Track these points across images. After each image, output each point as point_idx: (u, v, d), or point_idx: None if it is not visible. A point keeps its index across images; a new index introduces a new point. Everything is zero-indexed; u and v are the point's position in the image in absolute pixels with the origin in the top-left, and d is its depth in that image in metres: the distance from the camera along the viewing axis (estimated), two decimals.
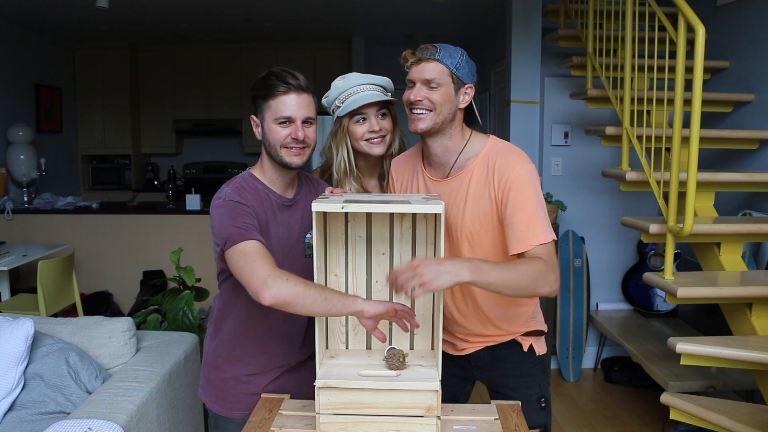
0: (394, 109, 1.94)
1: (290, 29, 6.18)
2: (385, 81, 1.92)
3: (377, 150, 1.88)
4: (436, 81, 1.59)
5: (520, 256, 1.54)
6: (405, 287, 1.32)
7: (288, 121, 1.60)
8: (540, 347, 1.79)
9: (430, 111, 1.60)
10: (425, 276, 1.30)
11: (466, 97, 1.64)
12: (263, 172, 1.69)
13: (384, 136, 1.89)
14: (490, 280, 1.39)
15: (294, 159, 1.62)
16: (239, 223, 1.51)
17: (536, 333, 1.79)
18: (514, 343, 1.78)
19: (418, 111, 1.61)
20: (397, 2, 4.95)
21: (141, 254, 4.94)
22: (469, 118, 1.73)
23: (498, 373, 1.80)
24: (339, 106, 1.88)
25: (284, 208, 1.68)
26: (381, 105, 1.88)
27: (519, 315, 1.75)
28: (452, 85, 1.61)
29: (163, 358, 2.32)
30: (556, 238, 1.56)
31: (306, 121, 1.62)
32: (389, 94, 1.92)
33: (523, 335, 1.77)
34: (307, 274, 1.68)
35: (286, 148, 1.61)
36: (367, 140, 1.88)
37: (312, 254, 1.68)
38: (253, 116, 1.67)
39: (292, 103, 1.59)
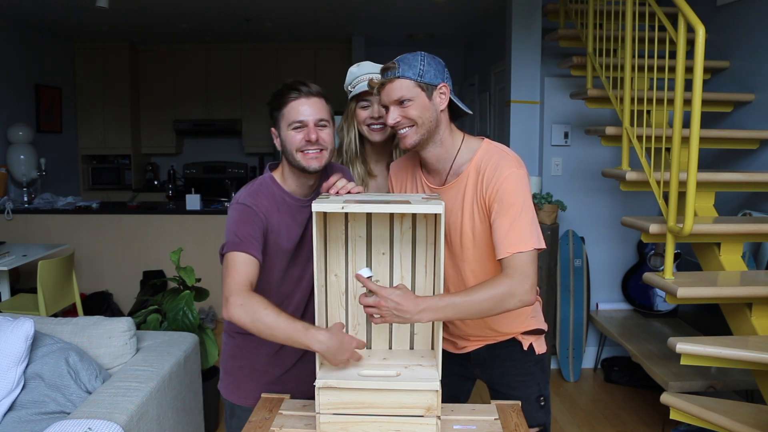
0: None
1: (290, 29, 6.18)
2: None
3: (376, 137, 1.96)
4: (405, 97, 1.57)
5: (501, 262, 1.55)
6: (369, 315, 1.46)
7: (301, 125, 1.63)
8: (540, 346, 1.79)
9: (412, 126, 1.59)
10: (383, 312, 1.43)
11: (443, 97, 1.61)
12: (284, 179, 1.72)
13: (385, 125, 1.91)
14: (448, 316, 1.47)
15: (312, 162, 1.64)
16: (240, 231, 1.57)
17: (536, 332, 1.79)
18: (514, 342, 1.78)
19: (402, 130, 1.61)
20: (397, 2, 4.95)
21: (141, 254, 4.94)
22: (456, 113, 1.70)
23: (498, 371, 1.80)
24: (350, 91, 1.99)
25: (302, 209, 1.72)
26: None
27: (516, 317, 1.74)
28: (423, 93, 1.58)
29: (163, 358, 2.32)
30: (541, 246, 1.53)
31: (319, 124, 1.65)
32: None
33: (523, 334, 1.78)
34: None
35: (302, 152, 1.64)
36: (368, 126, 1.97)
37: None
38: (273, 128, 1.71)
39: (302, 108, 1.63)
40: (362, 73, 1.96)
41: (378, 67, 1.91)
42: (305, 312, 1.79)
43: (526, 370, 1.78)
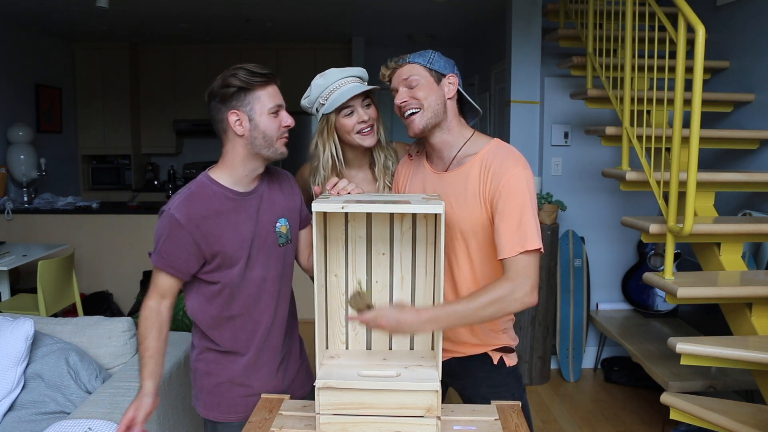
0: (375, 97, 1.93)
1: (290, 29, 6.18)
2: (362, 71, 1.93)
3: (368, 141, 1.88)
4: (413, 78, 1.65)
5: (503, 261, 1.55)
6: (368, 326, 1.49)
7: (279, 109, 1.64)
8: (510, 360, 1.77)
9: (419, 109, 1.64)
10: (385, 328, 1.45)
11: (451, 87, 1.67)
12: (232, 171, 1.65)
13: (372, 125, 1.88)
14: (451, 324, 1.49)
15: (285, 150, 1.66)
16: (164, 247, 1.60)
17: (506, 349, 1.77)
18: (485, 356, 1.76)
19: (409, 112, 1.65)
20: (397, 2, 4.95)
21: (141, 254, 4.93)
22: (467, 111, 1.74)
23: (469, 382, 1.78)
24: (323, 104, 1.87)
25: (246, 200, 1.66)
26: (364, 95, 1.88)
27: (488, 329, 1.74)
28: (431, 78, 1.65)
29: None
30: (542, 248, 1.54)
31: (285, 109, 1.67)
32: (366, 83, 1.93)
33: (493, 350, 1.75)
34: (282, 264, 1.73)
35: (281, 138, 1.65)
36: (358, 132, 1.86)
37: (284, 243, 1.73)
38: (236, 111, 1.60)
39: (276, 93, 1.64)
40: (331, 83, 1.85)
41: (344, 71, 1.88)
42: (275, 317, 1.73)
43: (498, 381, 1.75)
